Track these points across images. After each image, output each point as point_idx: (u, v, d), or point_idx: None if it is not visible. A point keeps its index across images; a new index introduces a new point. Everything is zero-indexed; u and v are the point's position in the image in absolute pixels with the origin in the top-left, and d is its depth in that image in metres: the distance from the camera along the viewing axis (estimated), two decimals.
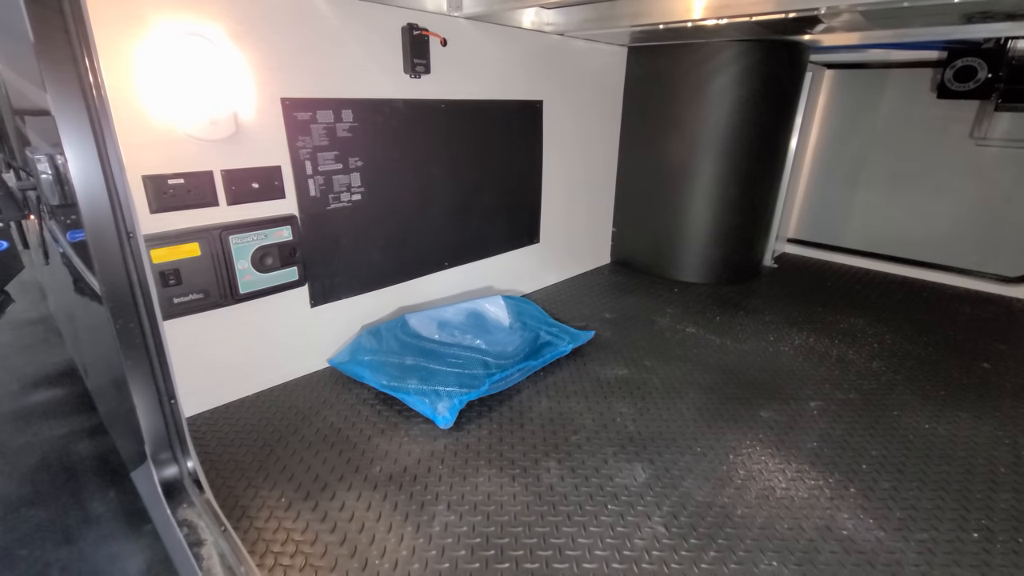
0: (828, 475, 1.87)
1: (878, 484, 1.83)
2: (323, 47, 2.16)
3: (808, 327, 3.09)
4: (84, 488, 2.51)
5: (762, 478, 1.85)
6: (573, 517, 1.66)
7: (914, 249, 3.99)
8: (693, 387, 2.42)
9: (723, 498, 1.75)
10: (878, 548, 1.56)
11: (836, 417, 2.21)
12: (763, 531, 1.61)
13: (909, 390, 2.43)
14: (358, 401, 2.28)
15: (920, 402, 2.33)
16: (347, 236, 2.44)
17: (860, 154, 4.09)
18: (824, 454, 1.98)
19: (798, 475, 1.86)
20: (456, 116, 2.73)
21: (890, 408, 2.29)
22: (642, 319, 3.18)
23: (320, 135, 2.22)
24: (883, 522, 1.66)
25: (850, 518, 1.67)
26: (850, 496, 1.77)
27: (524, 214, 3.36)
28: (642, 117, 3.76)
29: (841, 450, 2.01)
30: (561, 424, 2.14)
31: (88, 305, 1.77)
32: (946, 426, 2.15)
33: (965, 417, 2.22)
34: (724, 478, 1.85)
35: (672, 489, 1.79)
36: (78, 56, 1.17)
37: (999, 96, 3.15)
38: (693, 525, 1.63)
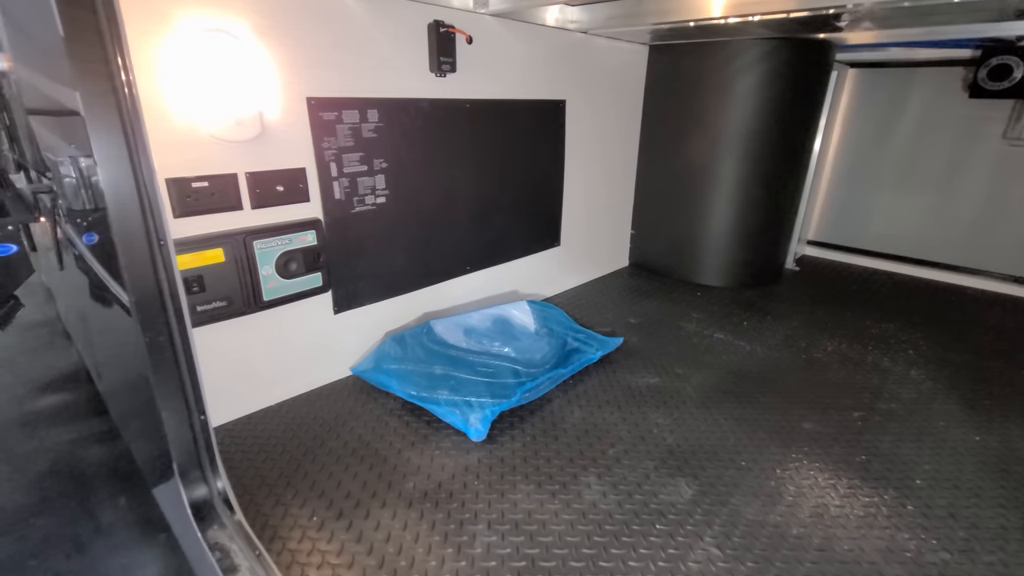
0: (882, 491, 1.79)
1: (935, 501, 1.75)
2: (349, 44, 2.08)
3: (839, 332, 3.01)
4: (94, 496, 2.43)
5: (813, 494, 1.77)
6: (620, 538, 1.58)
7: (940, 252, 3.91)
8: (729, 396, 2.34)
9: (775, 516, 1.67)
10: (945, 572, 1.48)
11: (881, 429, 2.13)
12: (822, 553, 1.53)
13: (952, 400, 2.35)
14: (384, 411, 2.20)
15: (966, 413, 2.25)
16: (371, 240, 2.36)
17: (884, 154, 4.00)
18: (874, 468, 1.90)
19: (851, 491, 1.78)
20: (480, 116, 2.65)
21: (935, 419, 2.21)
22: (668, 324, 3.10)
23: (346, 136, 2.14)
24: (946, 543, 1.58)
25: (911, 538, 1.59)
26: (908, 514, 1.69)
27: (546, 216, 3.28)
28: (663, 117, 3.68)
29: (891, 464, 1.93)
30: (596, 436, 2.06)
31: (107, 312, 1.69)
32: (997, 439, 2.07)
33: (1015, 429, 2.14)
34: (774, 494, 1.77)
35: (720, 506, 1.71)
36: (110, 55, 1.09)
37: None
38: (748, 547, 1.55)
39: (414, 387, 2.16)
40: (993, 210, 3.63)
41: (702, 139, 3.52)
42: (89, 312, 2.21)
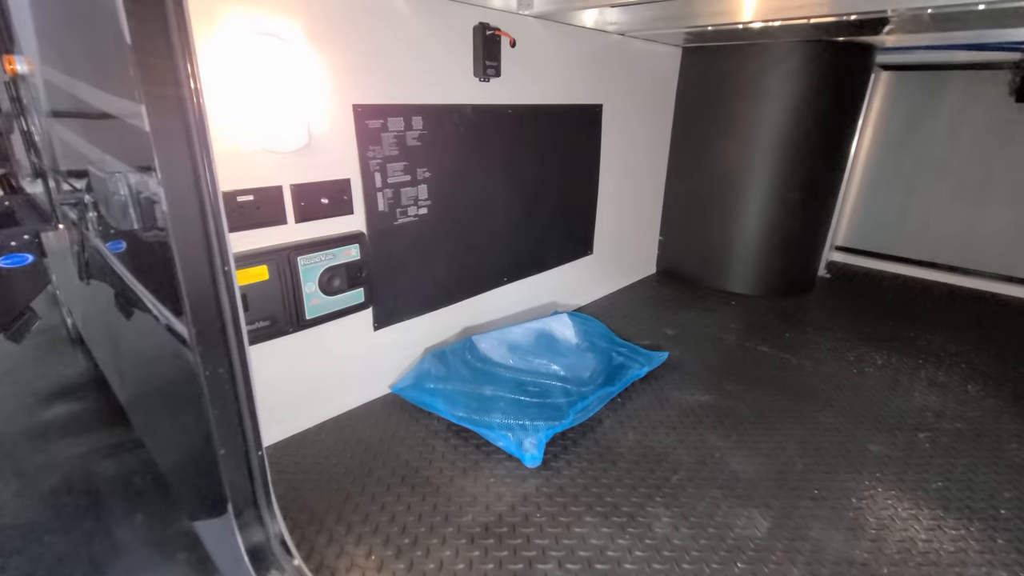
0: (968, 522, 1.69)
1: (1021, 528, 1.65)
2: (396, 48, 1.97)
3: (885, 344, 2.92)
4: (109, 512, 2.32)
5: (896, 527, 1.67)
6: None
7: (978, 259, 3.82)
8: (785, 416, 2.25)
9: (861, 553, 1.57)
10: None
11: (951, 450, 2.04)
12: None
13: (1020, 418, 2.26)
14: (429, 434, 2.10)
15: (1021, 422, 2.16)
16: (412, 253, 2.25)
17: (919, 159, 3.92)
18: (953, 495, 1.81)
19: (935, 523, 1.69)
20: (521, 122, 2.55)
21: (1006, 439, 2.11)
22: (707, 335, 3.00)
23: (390, 144, 2.03)
24: None
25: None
26: (1000, 549, 1.60)
27: (580, 224, 3.18)
28: (695, 120, 3.58)
29: (970, 491, 1.83)
30: (656, 461, 1.96)
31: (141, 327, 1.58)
32: None
33: None
34: (855, 527, 1.67)
35: (802, 541, 1.61)
36: (179, 63, 0.98)
37: None
38: None
39: (463, 408, 2.05)
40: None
41: (736, 143, 3.43)
42: (117, 324, 2.10)
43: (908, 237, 4.09)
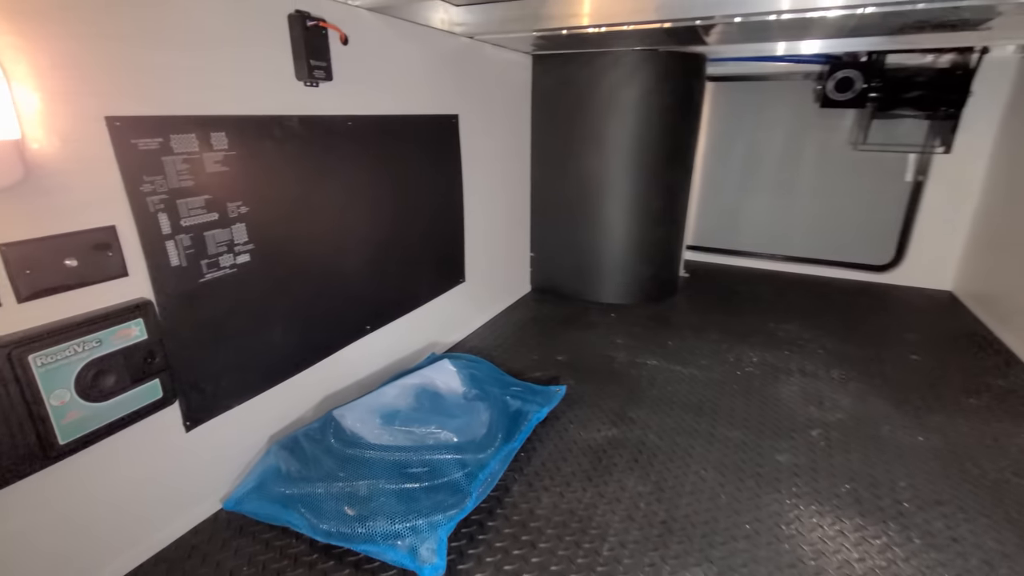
0: (884, 526, 1.66)
1: (932, 526, 1.67)
2: (175, 37, 1.39)
3: (754, 340, 3.02)
4: None
5: (829, 550, 1.57)
6: None
7: (801, 247, 4.27)
8: (696, 439, 2.11)
9: None
10: None
11: (843, 446, 2.07)
12: None
13: (879, 397, 2.41)
14: (285, 563, 1.53)
15: (897, 411, 2.31)
16: (235, 315, 1.66)
17: (744, 161, 4.28)
18: (863, 497, 1.79)
19: (859, 535, 1.63)
20: (366, 136, 2.09)
21: (879, 423, 2.22)
22: (597, 356, 2.83)
23: (179, 172, 1.44)
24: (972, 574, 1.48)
25: None
26: (919, 549, 1.58)
27: (448, 251, 2.79)
28: (554, 131, 3.44)
29: (873, 488, 1.83)
30: (581, 529, 1.66)
31: None
32: (935, 436, 2.13)
33: (942, 420, 2.24)
34: (795, 563, 1.53)
35: None
36: None
37: (875, 105, 3.44)
38: None
39: (329, 519, 1.53)
40: (843, 207, 4.05)
41: (597, 152, 3.35)
42: None
43: (743, 232, 4.45)
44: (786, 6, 1.99)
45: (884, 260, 4.05)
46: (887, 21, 2.30)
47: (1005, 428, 2.17)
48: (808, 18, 2.17)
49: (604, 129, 3.29)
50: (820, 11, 2.00)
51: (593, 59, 3.16)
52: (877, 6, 1.93)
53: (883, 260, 4.05)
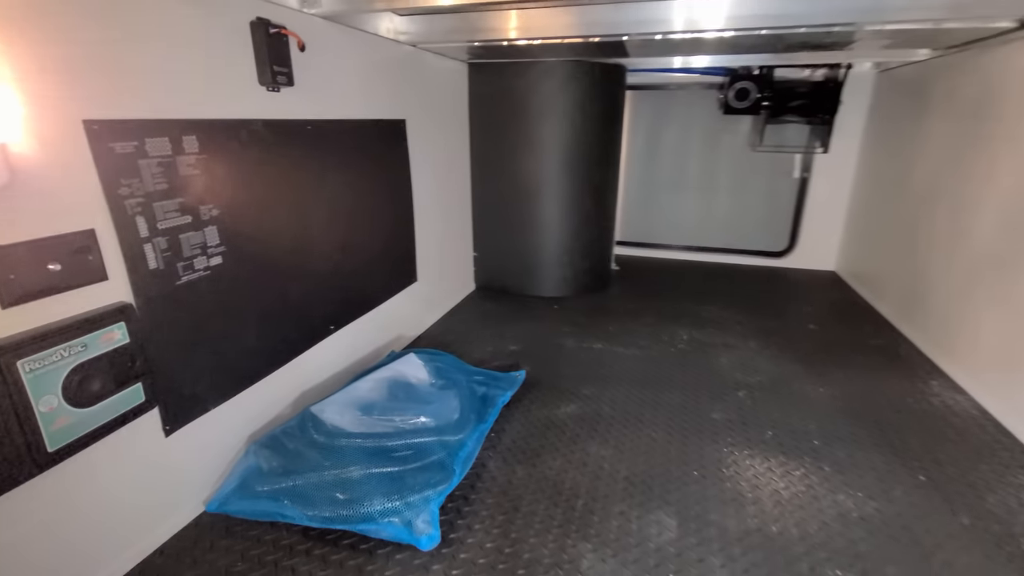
0: (801, 460, 2.00)
1: (837, 456, 2.02)
2: (149, 43, 1.41)
3: (683, 321, 3.38)
4: None
5: (762, 483, 1.87)
6: None
7: (711, 238, 4.77)
8: (644, 407, 2.37)
9: (752, 520, 1.70)
10: (886, 517, 1.70)
11: (763, 401, 2.42)
12: (803, 541, 1.61)
13: (788, 360, 2.82)
14: (280, 554, 1.57)
15: (803, 369, 2.72)
16: (210, 317, 1.67)
17: (662, 161, 4.71)
18: (783, 440, 2.13)
19: (783, 470, 1.94)
20: (325, 139, 2.15)
21: (791, 381, 2.61)
22: (547, 344, 3.04)
23: (155, 175, 1.45)
24: (869, 491, 1.83)
25: (848, 497, 1.80)
26: (829, 474, 1.92)
27: (402, 251, 2.88)
28: (492, 136, 3.63)
29: (791, 432, 2.18)
30: (555, 492, 1.84)
31: None
32: (832, 387, 2.54)
33: (835, 373, 2.67)
34: (737, 497, 1.81)
35: (708, 528, 1.67)
36: None
37: (767, 112, 3.96)
38: (755, 563, 1.53)
39: (324, 505, 1.59)
40: (748, 202, 4.59)
41: (531, 157, 3.58)
42: None
43: (663, 226, 4.89)
44: (682, 26, 2.32)
45: (781, 247, 4.63)
46: (773, 41, 2.72)
47: (883, 376, 2.64)
48: (711, 38, 2.54)
49: (539, 134, 3.53)
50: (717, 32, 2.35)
51: (527, 69, 3.38)
52: (768, 29, 2.30)
53: (780, 247, 4.64)
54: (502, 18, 2.59)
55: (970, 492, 1.82)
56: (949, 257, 2.76)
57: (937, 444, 2.09)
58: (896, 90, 3.65)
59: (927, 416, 2.29)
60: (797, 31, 2.35)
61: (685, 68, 3.93)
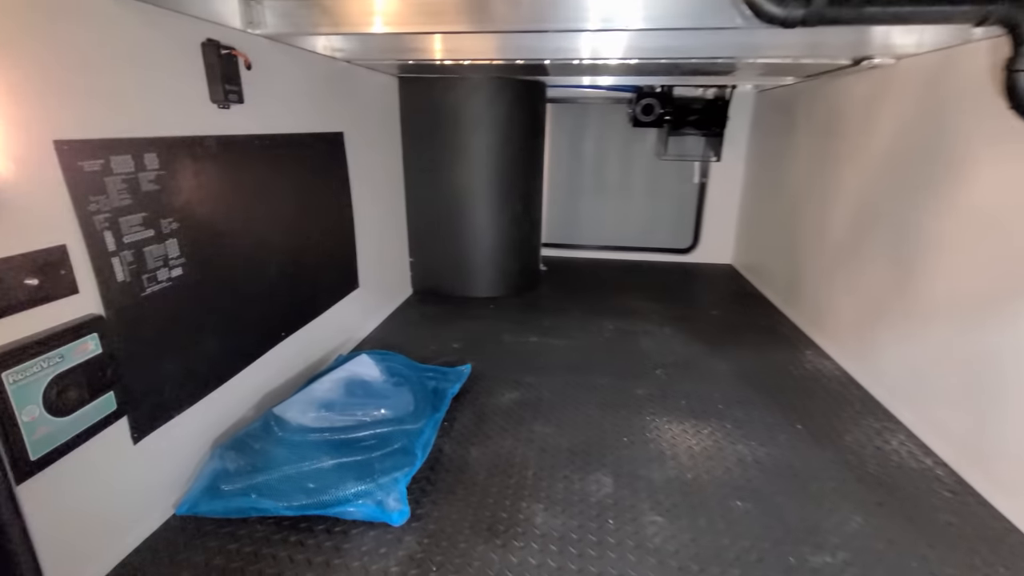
0: (708, 421, 2.38)
1: (736, 415, 2.44)
2: (110, 66, 1.48)
3: (607, 313, 3.75)
4: None
5: (679, 442, 2.23)
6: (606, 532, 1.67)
7: (625, 238, 5.25)
8: (579, 389, 2.67)
9: (674, 471, 2.04)
10: (773, 459, 2.11)
11: (677, 377, 2.81)
12: (717, 486, 1.97)
13: (697, 342, 3.27)
14: (257, 544, 1.67)
15: (708, 350, 3.17)
16: (173, 326, 1.73)
17: (580, 169, 5.13)
18: (694, 407, 2.51)
19: (695, 431, 2.32)
20: (272, 153, 2.24)
21: (698, 359, 3.04)
22: (487, 340, 3.27)
23: (120, 191, 1.51)
24: (760, 440, 2.24)
25: (744, 447, 2.20)
26: (731, 431, 2.32)
27: (344, 258, 2.99)
28: (424, 146, 3.81)
29: (700, 400, 2.57)
30: (507, 466, 2.07)
31: None
32: (730, 363, 3.00)
33: (733, 351, 3.14)
34: (659, 455, 2.14)
35: (637, 480, 1.98)
36: None
37: (669, 125, 4.47)
38: (676, 504, 1.86)
39: (297, 496, 1.71)
40: (658, 205, 5.11)
41: (463, 166, 3.81)
42: None
43: (585, 228, 5.30)
44: (593, 55, 2.67)
45: (686, 245, 5.21)
46: (671, 67, 3.16)
47: (770, 350, 3.15)
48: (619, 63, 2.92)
49: (468, 145, 3.76)
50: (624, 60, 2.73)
51: (456, 83, 3.60)
52: (666, 58, 2.71)
53: (686, 245, 5.21)
54: (433, 40, 2.79)
55: (833, 434, 2.29)
56: (815, 250, 3.35)
57: (810, 400, 2.58)
58: (771, 108, 4.30)
59: (803, 379, 2.80)
60: (689, 61, 2.78)
61: (598, 85, 4.35)
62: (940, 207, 2.21)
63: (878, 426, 2.35)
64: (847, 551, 1.66)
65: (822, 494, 1.92)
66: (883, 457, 2.13)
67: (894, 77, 2.61)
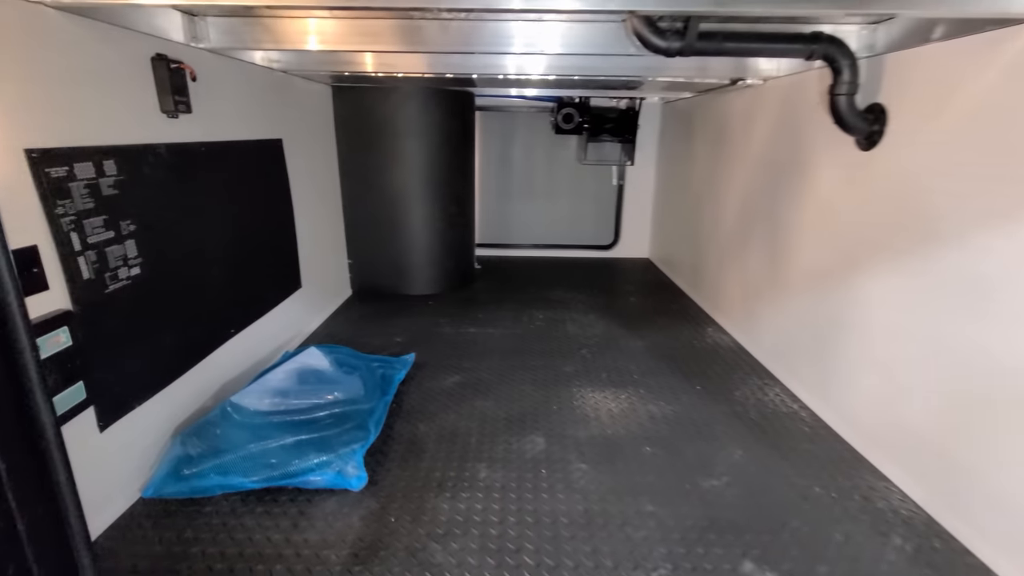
0: (624, 389, 2.77)
1: (648, 383, 2.84)
2: (70, 81, 1.60)
3: (537, 304, 4.10)
4: None
5: (601, 407, 2.59)
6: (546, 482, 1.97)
7: (552, 236, 5.66)
8: (514, 370, 2.98)
9: (595, 430, 2.39)
10: (677, 414, 2.52)
11: (599, 355, 3.20)
12: (632, 438, 2.34)
13: (616, 325, 3.68)
14: (226, 516, 1.82)
15: (626, 331, 3.59)
16: (134, 321, 1.85)
17: (510, 173, 5.47)
18: (614, 378, 2.90)
19: (614, 397, 2.69)
20: (217, 159, 2.37)
21: (617, 339, 3.44)
22: (428, 333, 3.51)
23: (83, 196, 1.63)
24: (667, 401, 2.65)
25: (654, 407, 2.59)
26: (643, 395, 2.71)
27: (287, 259, 3.13)
28: (361, 152, 3.98)
29: (618, 373, 2.96)
30: (452, 436, 2.33)
31: None
32: (644, 341, 3.44)
33: (647, 331, 3.58)
34: (584, 418, 2.49)
35: (566, 439, 2.31)
36: None
37: (588, 133, 4.91)
38: (599, 456, 2.21)
39: (261, 471, 1.88)
40: (581, 205, 5.55)
41: (399, 171, 4.03)
42: None
43: (516, 228, 5.65)
44: (517, 71, 3.00)
45: (608, 241, 5.69)
46: (585, 82, 3.57)
47: (678, 329, 3.62)
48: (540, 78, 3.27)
49: (402, 151, 3.98)
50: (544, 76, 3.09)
51: (390, 92, 3.82)
52: (579, 75, 3.09)
53: (608, 241, 5.69)
54: (367, 55, 3.00)
55: (725, 392, 2.75)
56: (712, 242, 3.87)
57: (708, 367, 3.04)
58: (675, 118, 4.85)
59: (703, 350, 3.27)
60: (599, 78, 3.19)
61: (524, 95, 4.71)
62: (796, 201, 2.73)
63: (759, 383, 2.84)
64: (729, 476, 2.07)
65: (713, 437, 2.34)
66: (762, 406, 2.60)
67: (763, 95, 3.14)
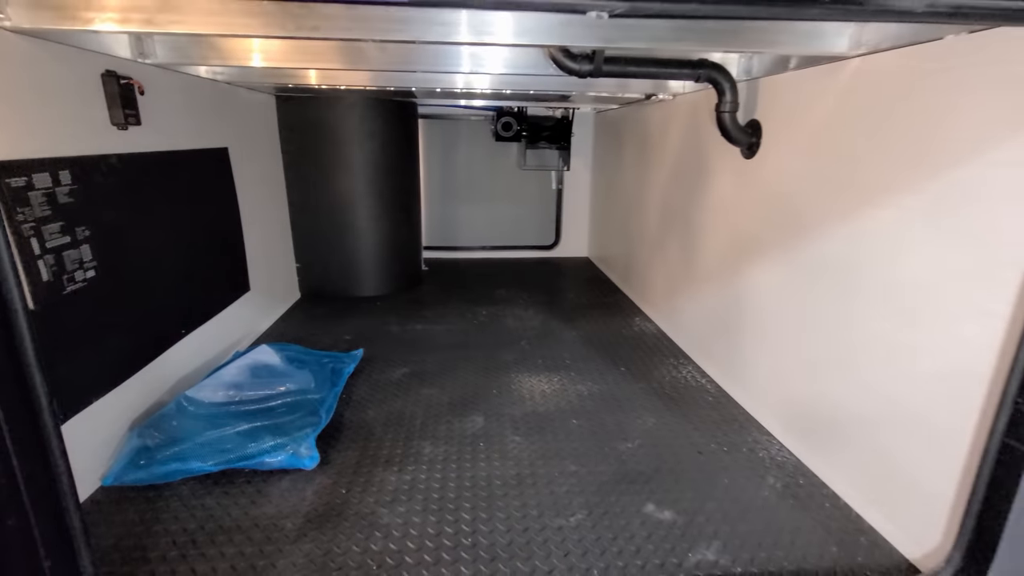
0: (558, 374, 3.07)
1: (579, 368, 3.16)
2: (23, 97, 1.72)
3: (481, 302, 4.36)
4: None
5: (536, 388, 2.88)
6: (488, 456, 2.22)
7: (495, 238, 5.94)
8: (459, 360, 3.22)
9: (529, 408, 2.67)
10: (603, 392, 2.84)
11: (537, 345, 3.49)
12: (561, 413, 2.63)
13: (555, 318, 4.00)
14: (187, 497, 1.97)
15: (562, 323, 3.91)
16: (90, 322, 1.97)
17: (453, 178, 5.71)
18: (549, 364, 3.19)
19: (549, 380, 2.99)
20: (166, 168, 2.50)
21: (554, 331, 3.75)
22: (376, 331, 3.70)
23: (41, 204, 1.76)
24: (595, 381, 2.97)
25: (583, 387, 2.91)
26: (574, 377, 3.02)
27: (235, 263, 3.24)
28: (306, 159, 4.12)
29: (553, 360, 3.27)
30: (399, 420, 2.55)
31: None
32: (577, 331, 3.76)
33: (581, 322, 3.92)
34: (520, 399, 2.77)
35: (503, 419, 2.58)
36: None
37: (527, 140, 5.23)
38: (534, 431, 2.48)
39: (219, 455, 2.04)
40: (519, 210, 5.85)
41: (345, 177, 4.19)
42: None
43: (461, 231, 5.89)
44: (452, 85, 3.27)
45: (549, 242, 6.03)
46: (521, 94, 3.87)
47: (609, 320, 3.97)
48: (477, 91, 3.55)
49: (347, 157, 4.15)
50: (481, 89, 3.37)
51: (332, 102, 3.98)
52: (511, 90, 3.39)
53: (549, 242, 6.03)
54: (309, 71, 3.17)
55: (646, 372, 3.10)
56: (640, 240, 4.26)
57: (633, 352, 3.40)
58: (605, 126, 5.25)
59: (630, 338, 3.63)
60: (531, 92, 3.49)
61: (464, 105, 4.97)
62: (702, 202, 3.13)
63: (676, 363, 3.21)
64: (641, 439, 2.40)
65: (632, 409, 2.68)
66: (676, 382, 2.97)
67: (675, 108, 3.54)
